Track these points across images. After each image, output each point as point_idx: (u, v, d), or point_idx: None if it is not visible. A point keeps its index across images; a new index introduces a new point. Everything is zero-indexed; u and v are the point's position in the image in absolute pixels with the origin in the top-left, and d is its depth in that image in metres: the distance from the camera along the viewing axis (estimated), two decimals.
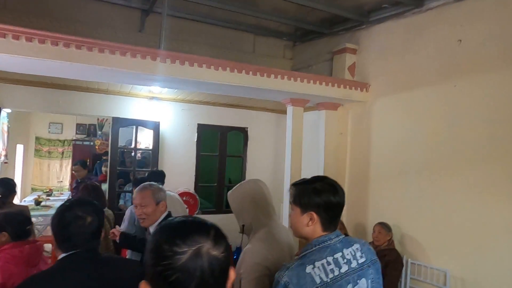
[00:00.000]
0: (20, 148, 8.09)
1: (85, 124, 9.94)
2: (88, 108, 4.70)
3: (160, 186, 2.22)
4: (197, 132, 5.29)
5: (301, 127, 4.37)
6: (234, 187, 1.79)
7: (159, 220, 2.07)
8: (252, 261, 1.45)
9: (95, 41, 2.88)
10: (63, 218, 1.32)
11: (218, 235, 0.77)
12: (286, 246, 1.63)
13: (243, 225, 1.64)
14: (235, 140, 5.58)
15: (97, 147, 9.75)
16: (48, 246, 3.48)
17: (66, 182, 9.64)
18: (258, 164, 5.70)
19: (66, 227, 1.30)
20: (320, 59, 5.06)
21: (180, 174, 5.13)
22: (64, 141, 9.73)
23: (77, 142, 9.62)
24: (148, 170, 4.99)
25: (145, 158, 5.27)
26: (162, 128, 5.02)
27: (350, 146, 4.46)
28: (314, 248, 1.31)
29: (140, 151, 5.42)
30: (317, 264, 1.25)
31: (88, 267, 1.29)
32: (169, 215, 2.13)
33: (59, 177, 9.79)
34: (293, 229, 1.41)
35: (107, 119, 9.72)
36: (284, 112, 5.91)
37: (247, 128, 5.65)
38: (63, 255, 1.30)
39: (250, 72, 3.53)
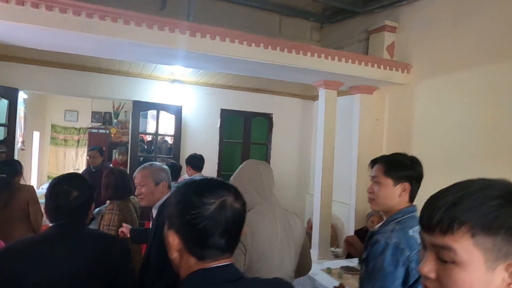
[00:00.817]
0: (36, 135, 7.99)
1: (101, 112, 9.82)
2: (108, 91, 4.46)
3: (164, 166, 2.18)
4: (220, 117, 5.02)
5: (334, 112, 4.06)
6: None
7: (162, 201, 2.02)
8: None
9: (120, 11, 2.62)
10: (51, 190, 1.40)
11: (237, 191, 0.87)
12: (280, 225, 1.70)
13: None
14: (259, 127, 5.30)
15: (112, 135, 9.63)
16: None
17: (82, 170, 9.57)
18: (283, 152, 5.42)
19: (53, 199, 1.38)
20: (351, 41, 4.71)
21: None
22: (79, 129, 9.63)
23: (93, 131, 9.50)
24: (170, 156, 4.75)
25: (166, 144, 5.03)
26: (184, 113, 4.77)
27: (387, 133, 4.13)
28: (405, 216, 1.41)
29: (161, 138, 5.19)
30: (415, 229, 1.34)
31: (70, 238, 1.35)
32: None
33: (75, 165, 9.73)
34: (380, 201, 1.48)
35: (122, 106, 9.62)
36: (310, 98, 5.61)
37: (272, 114, 5.35)
38: (50, 225, 1.39)
39: (285, 49, 3.23)
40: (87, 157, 4.36)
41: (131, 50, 3.02)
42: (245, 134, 5.17)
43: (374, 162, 1.58)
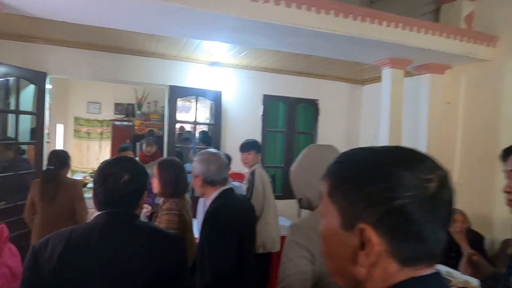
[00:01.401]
0: (60, 128, 7.72)
1: (123, 104, 9.50)
2: (142, 75, 4.03)
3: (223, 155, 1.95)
4: (263, 104, 4.54)
5: (401, 94, 3.53)
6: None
7: (215, 194, 1.84)
8: (289, 239, 1.22)
9: None
10: (100, 173, 1.23)
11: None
12: None
13: (300, 199, 1.39)
14: (304, 114, 4.80)
15: (136, 127, 9.31)
16: None
17: None
18: (329, 142, 4.89)
19: (101, 183, 1.21)
20: (413, 14, 4.13)
21: None
22: (102, 121, 9.34)
23: (116, 123, 9.19)
24: (205, 146, 4.31)
25: (205, 134, 4.59)
26: (223, 99, 4.31)
27: (464, 119, 3.57)
28: None
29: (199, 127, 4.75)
30: None
31: (120, 230, 1.18)
32: (229, 190, 1.89)
33: (99, 158, 9.47)
34: None
35: (146, 97, 9.26)
36: (359, 82, 5.07)
37: (318, 100, 4.84)
38: (97, 213, 1.22)
39: (359, 18, 2.72)
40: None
41: (176, 19, 2.56)
42: (289, 122, 4.68)
43: (508, 152, 1.28)
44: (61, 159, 2.87)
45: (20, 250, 1.86)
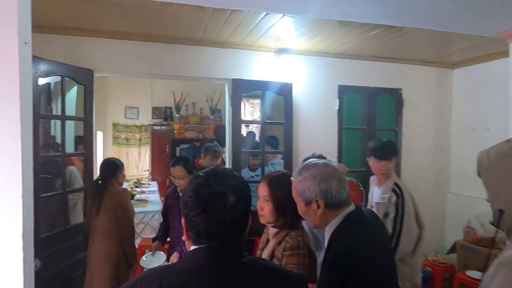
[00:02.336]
0: (100, 135, 7.35)
1: (161, 108, 9.07)
2: (200, 69, 3.42)
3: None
4: (338, 97, 3.82)
5: None
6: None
7: (337, 221, 1.29)
8: None
9: None
10: (196, 193, 0.89)
11: None
12: None
13: (500, 211, 0.93)
14: (385, 107, 4.03)
15: (175, 131, 8.86)
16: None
17: (146, 171, 8.92)
18: (416, 140, 4.11)
19: (201, 208, 0.87)
20: None
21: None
22: (141, 126, 8.95)
23: (155, 128, 8.77)
24: (278, 151, 3.64)
25: (270, 136, 3.90)
26: (294, 93, 3.62)
27: None
28: None
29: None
30: None
31: (228, 273, 0.88)
32: (356, 212, 1.33)
33: (138, 165, 9.09)
34: None
35: (184, 100, 8.77)
36: (448, 65, 4.23)
37: (401, 89, 4.05)
38: (192, 247, 0.92)
39: None
40: (171, 177, 3.34)
41: None
42: (368, 117, 3.92)
43: None
44: (110, 167, 2.74)
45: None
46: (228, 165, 3.50)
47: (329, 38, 3.31)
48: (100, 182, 2.69)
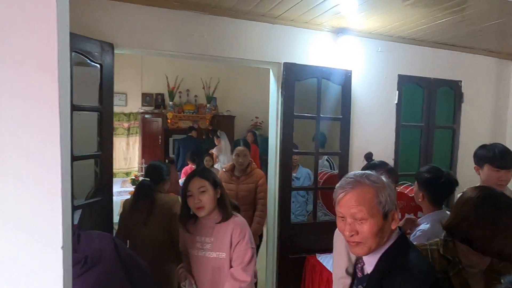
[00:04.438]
0: None
1: (152, 94, 8.22)
2: (245, 48, 2.73)
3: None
4: (398, 88, 3.26)
5: None
6: None
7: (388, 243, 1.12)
8: None
9: None
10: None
11: None
12: None
13: None
14: (443, 101, 3.52)
15: (169, 120, 8.06)
16: None
17: (135, 164, 8.07)
18: (472, 140, 3.63)
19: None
20: None
21: (374, 158, 3.18)
22: (129, 114, 8.06)
23: (146, 116, 7.92)
24: (332, 152, 3.04)
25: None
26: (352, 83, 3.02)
27: None
28: None
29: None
30: None
31: None
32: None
33: (126, 157, 8.22)
34: None
35: (178, 86, 7.96)
36: (509, 57, 3.78)
37: (461, 82, 3.55)
38: None
39: None
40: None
41: None
42: (427, 113, 3.40)
43: None
44: (158, 171, 2.49)
45: None
46: (275, 168, 2.87)
47: (392, 16, 2.72)
48: (147, 186, 2.38)
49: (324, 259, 2.67)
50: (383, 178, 1.12)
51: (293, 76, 2.77)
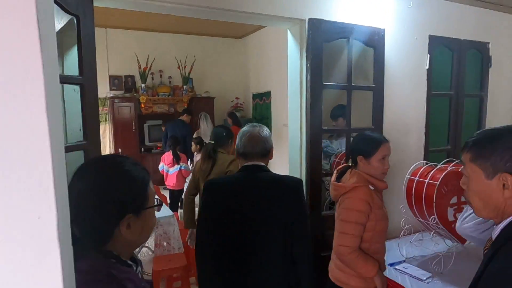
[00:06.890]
0: None
1: (121, 77, 7.37)
2: (260, 3, 2.15)
3: None
4: (429, 51, 2.83)
5: None
6: None
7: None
8: None
9: None
10: None
11: None
12: None
13: None
14: (472, 67, 3.14)
15: (142, 105, 7.29)
16: None
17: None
18: (499, 110, 3.33)
19: None
20: None
21: (404, 132, 2.76)
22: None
23: (116, 101, 7.10)
24: (364, 128, 2.57)
25: (337, 106, 2.79)
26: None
27: None
28: None
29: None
30: None
31: None
32: None
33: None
34: None
35: (150, 67, 7.18)
36: None
37: (489, 44, 3.19)
38: None
39: None
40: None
41: None
42: (456, 80, 3.01)
43: None
44: (225, 133, 2.70)
45: None
46: (300, 153, 2.36)
47: None
48: (211, 146, 2.62)
49: None
50: None
51: (320, 35, 2.24)
